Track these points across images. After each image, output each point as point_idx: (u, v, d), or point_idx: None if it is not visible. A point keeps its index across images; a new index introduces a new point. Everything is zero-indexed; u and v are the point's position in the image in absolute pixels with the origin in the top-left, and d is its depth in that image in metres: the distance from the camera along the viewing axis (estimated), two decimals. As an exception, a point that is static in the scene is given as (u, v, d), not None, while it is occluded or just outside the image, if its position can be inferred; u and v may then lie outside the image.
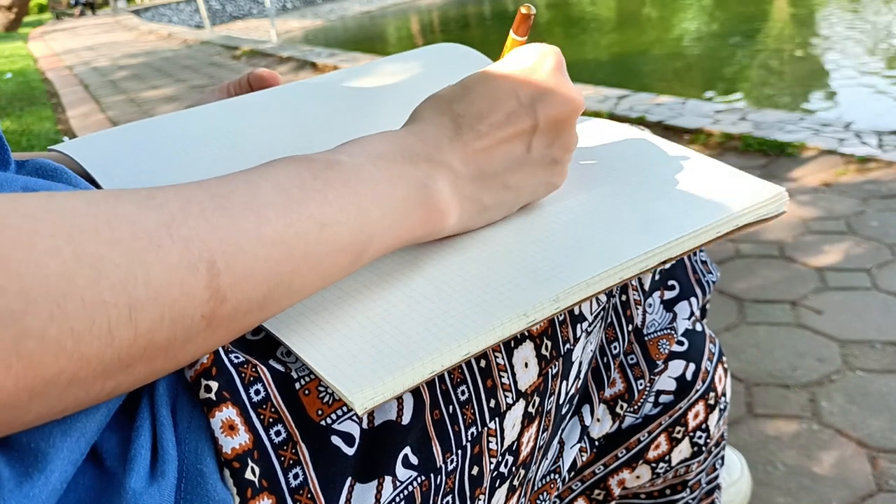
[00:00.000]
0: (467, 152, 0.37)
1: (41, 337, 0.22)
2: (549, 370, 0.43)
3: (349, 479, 0.34)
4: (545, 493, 0.51)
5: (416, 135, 0.37)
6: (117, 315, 0.24)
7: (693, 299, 0.59)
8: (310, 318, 0.34)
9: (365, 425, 0.35)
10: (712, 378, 0.62)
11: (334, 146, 0.36)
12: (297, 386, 0.33)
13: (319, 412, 0.33)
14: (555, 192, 0.43)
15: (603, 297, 0.48)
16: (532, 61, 0.39)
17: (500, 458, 0.41)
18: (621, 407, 0.55)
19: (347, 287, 0.37)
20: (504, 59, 0.40)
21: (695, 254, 0.62)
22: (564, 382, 0.45)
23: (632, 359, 0.55)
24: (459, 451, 0.39)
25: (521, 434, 0.42)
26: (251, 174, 0.31)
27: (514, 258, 0.37)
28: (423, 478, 0.37)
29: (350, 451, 0.34)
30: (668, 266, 0.58)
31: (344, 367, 0.31)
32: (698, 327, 0.63)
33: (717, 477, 0.69)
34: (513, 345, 0.41)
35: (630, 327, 0.53)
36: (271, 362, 0.34)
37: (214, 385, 0.31)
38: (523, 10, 0.41)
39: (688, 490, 0.66)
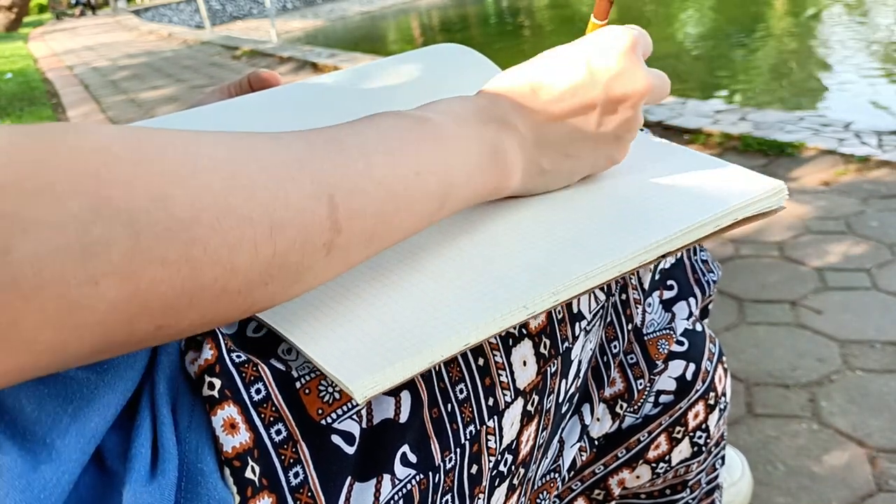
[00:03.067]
0: (534, 118, 0.39)
1: (205, 246, 0.25)
2: (548, 368, 0.43)
3: (349, 477, 0.34)
4: (545, 493, 0.51)
5: (490, 98, 0.40)
6: (262, 232, 0.26)
7: (692, 299, 0.59)
8: (309, 312, 0.34)
9: (364, 424, 0.35)
10: (712, 378, 0.62)
11: None
12: (298, 385, 0.33)
13: (320, 411, 0.33)
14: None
15: (602, 296, 0.48)
16: (608, 41, 0.40)
17: (499, 457, 0.41)
18: (621, 407, 0.55)
19: (346, 280, 0.37)
20: (584, 38, 0.41)
21: (695, 253, 0.62)
22: (563, 381, 0.45)
23: (631, 358, 0.55)
24: (458, 450, 0.39)
25: (520, 433, 0.42)
26: (356, 124, 0.34)
27: (514, 252, 0.37)
28: (422, 476, 0.37)
29: (350, 450, 0.34)
30: (668, 263, 0.58)
31: (343, 357, 0.31)
32: (698, 327, 0.63)
33: (717, 477, 0.69)
34: (511, 343, 0.41)
35: (630, 326, 0.53)
36: (272, 361, 0.34)
37: (217, 383, 0.31)
38: None
39: (688, 490, 0.66)
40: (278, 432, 0.32)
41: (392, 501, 0.36)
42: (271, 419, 0.32)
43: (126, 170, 0.23)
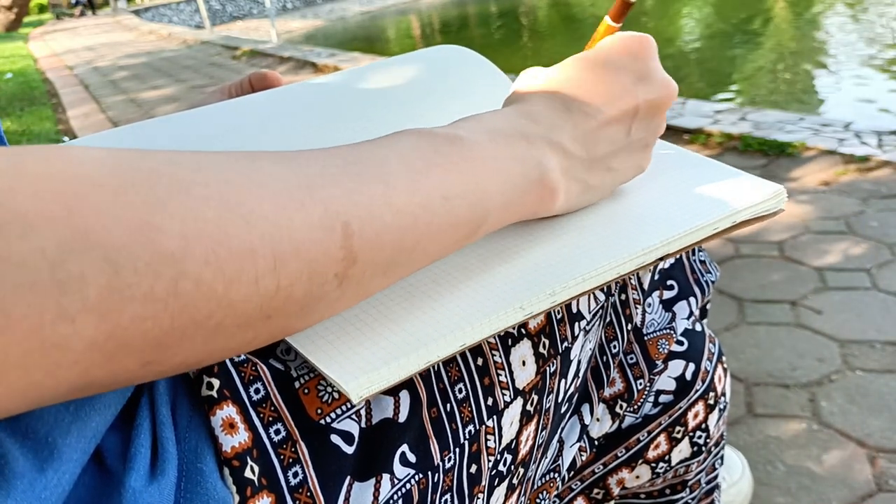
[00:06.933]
0: (577, 134, 0.37)
1: (197, 280, 0.23)
2: (548, 368, 0.43)
3: (348, 477, 0.34)
4: (545, 492, 0.51)
5: (528, 115, 0.37)
6: (264, 265, 0.25)
7: (692, 299, 0.59)
8: None
9: (363, 424, 0.35)
10: (712, 378, 0.62)
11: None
12: (297, 385, 0.33)
13: (319, 411, 0.33)
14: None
15: (601, 296, 0.48)
16: (632, 48, 0.39)
17: (498, 457, 0.41)
18: (621, 406, 0.55)
19: None
20: (603, 45, 0.40)
21: (693, 253, 0.62)
22: (563, 381, 0.45)
23: (631, 358, 0.55)
24: (457, 450, 0.39)
25: (519, 432, 0.42)
26: (376, 145, 0.32)
27: (511, 253, 0.37)
28: (421, 476, 0.37)
29: (349, 450, 0.34)
30: (667, 263, 0.58)
31: (339, 356, 0.31)
32: (698, 327, 0.63)
33: (716, 477, 0.69)
34: (510, 343, 0.41)
35: (629, 326, 0.53)
36: (271, 361, 0.34)
37: (216, 382, 0.31)
38: None
39: (687, 490, 0.66)
40: (277, 432, 0.32)
41: (391, 501, 0.36)
42: (270, 419, 0.32)
43: (105, 199, 0.22)
